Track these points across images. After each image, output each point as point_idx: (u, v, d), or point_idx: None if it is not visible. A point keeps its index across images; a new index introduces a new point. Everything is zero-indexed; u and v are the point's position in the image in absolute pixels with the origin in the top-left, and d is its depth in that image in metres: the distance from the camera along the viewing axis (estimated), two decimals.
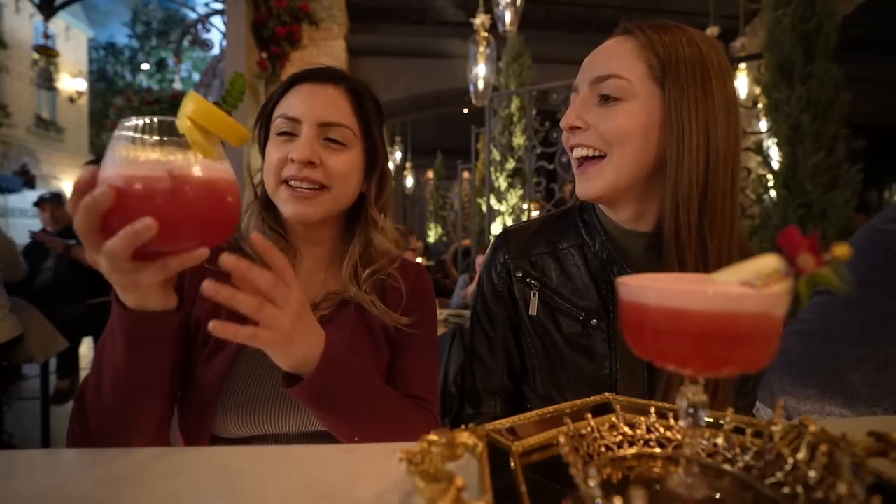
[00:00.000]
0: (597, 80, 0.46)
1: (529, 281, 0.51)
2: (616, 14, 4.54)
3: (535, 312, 0.50)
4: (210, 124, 0.32)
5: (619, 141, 0.44)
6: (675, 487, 0.25)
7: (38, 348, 1.75)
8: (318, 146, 0.49)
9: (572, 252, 0.51)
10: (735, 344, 0.23)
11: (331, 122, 0.50)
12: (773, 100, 1.75)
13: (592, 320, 0.48)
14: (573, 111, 0.46)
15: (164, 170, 0.31)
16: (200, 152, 0.32)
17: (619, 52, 0.46)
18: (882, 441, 0.27)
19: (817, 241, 0.21)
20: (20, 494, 0.30)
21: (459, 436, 0.28)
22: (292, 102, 0.51)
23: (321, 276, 0.56)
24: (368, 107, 0.54)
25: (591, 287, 0.49)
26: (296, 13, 3.45)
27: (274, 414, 0.49)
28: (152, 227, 0.29)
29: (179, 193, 0.30)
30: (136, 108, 3.08)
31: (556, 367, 0.49)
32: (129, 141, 0.31)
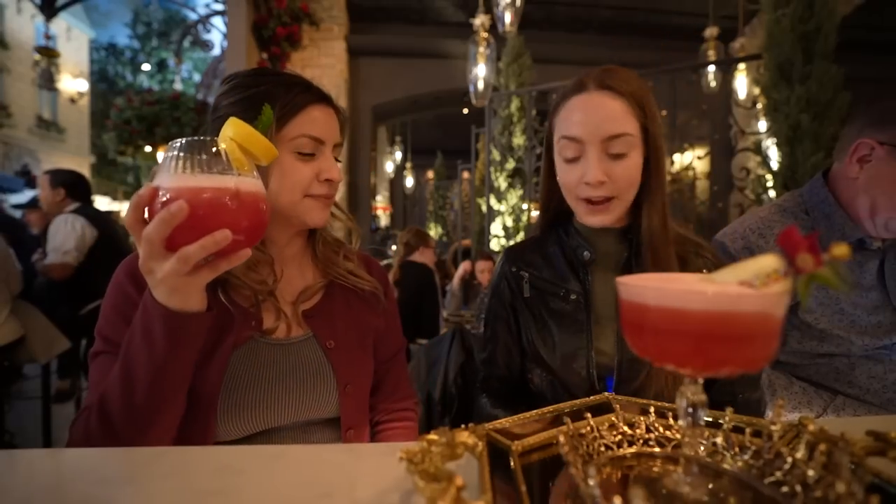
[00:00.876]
0: (608, 139, 0.55)
1: (522, 272, 0.66)
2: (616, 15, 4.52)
3: (528, 295, 0.64)
4: (249, 145, 0.39)
5: (627, 188, 0.57)
6: (675, 487, 0.25)
7: (40, 349, 1.75)
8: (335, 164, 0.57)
9: (554, 249, 0.66)
10: (734, 343, 0.23)
11: (338, 144, 0.58)
12: (773, 100, 1.75)
13: (572, 296, 0.61)
14: (597, 169, 0.55)
15: (229, 184, 0.36)
16: (242, 168, 0.38)
17: (619, 113, 0.55)
18: (880, 440, 0.27)
19: (816, 241, 0.21)
20: (20, 494, 0.31)
21: (459, 435, 0.28)
22: (317, 124, 0.55)
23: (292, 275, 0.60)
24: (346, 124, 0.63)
25: (569, 271, 0.63)
26: (296, 14, 3.45)
27: (269, 408, 0.51)
28: (229, 237, 0.35)
29: (240, 204, 0.36)
30: (137, 109, 3.08)
31: (545, 335, 0.62)
32: (184, 160, 0.37)
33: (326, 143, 0.55)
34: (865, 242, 0.70)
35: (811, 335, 0.72)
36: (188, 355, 0.43)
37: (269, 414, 0.50)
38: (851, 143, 0.70)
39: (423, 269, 2.29)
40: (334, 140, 0.56)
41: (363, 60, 4.04)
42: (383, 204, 7.61)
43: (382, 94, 4.17)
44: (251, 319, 0.52)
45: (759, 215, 0.77)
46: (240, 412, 0.49)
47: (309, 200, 0.54)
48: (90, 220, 2.02)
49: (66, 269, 1.94)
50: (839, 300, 0.71)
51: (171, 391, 0.43)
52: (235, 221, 0.36)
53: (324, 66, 3.69)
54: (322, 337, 0.56)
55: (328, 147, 0.55)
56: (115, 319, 0.49)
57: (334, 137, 0.56)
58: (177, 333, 0.41)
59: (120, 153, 3.29)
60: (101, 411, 0.42)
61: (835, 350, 0.71)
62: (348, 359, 0.57)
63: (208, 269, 0.38)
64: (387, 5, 4.06)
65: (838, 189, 0.72)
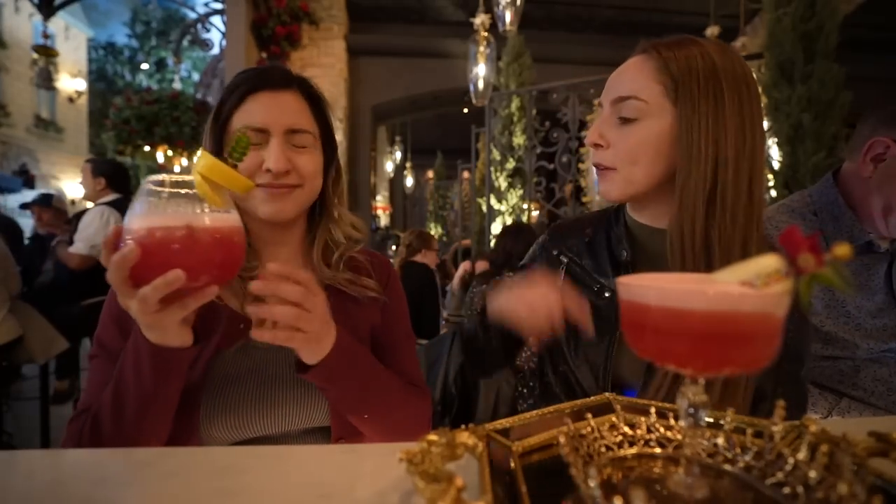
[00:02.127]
0: (617, 100, 0.50)
1: (561, 258, 0.60)
2: (616, 14, 4.53)
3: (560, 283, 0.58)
4: (218, 178, 0.38)
5: (629, 160, 0.50)
6: (676, 487, 0.25)
7: (38, 349, 1.74)
8: (288, 152, 0.52)
9: (600, 239, 0.59)
10: (735, 344, 0.23)
11: (296, 129, 0.52)
12: (774, 99, 1.75)
13: (605, 293, 0.55)
14: (595, 129, 0.51)
15: (181, 222, 0.35)
16: (210, 203, 0.37)
17: (638, 73, 0.49)
18: (883, 441, 0.27)
19: (818, 240, 0.21)
20: (20, 494, 0.30)
21: (459, 436, 0.28)
22: (254, 112, 0.52)
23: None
24: (323, 108, 0.57)
25: (609, 266, 0.56)
26: (296, 13, 3.44)
27: (257, 415, 0.49)
28: (181, 277, 0.34)
29: (195, 242, 0.35)
30: (136, 108, 3.07)
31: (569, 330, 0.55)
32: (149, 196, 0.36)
33: (271, 130, 0.51)
34: (873, 245, 0.70)
35: (816, 337, 0.72)
36: (176, 384, 0.44)
37: (254, 421, 0.49)
38: (864, 142, 0.69)
39: (425, 269, 2.29)
40: (285, 125, 0.51)
41: (363, 60, 4.04)
42: (383, 204, 7.61)
43: (382, 94, 4.17)
44: (240, 323, 0.51)
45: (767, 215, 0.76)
46: (224, 417, 0.48)
47: (257, 191, 0.51)
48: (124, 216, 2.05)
49: (88, 262, 1.94)
50: (845, 303, 0.70)
51: (159, 414, 0.44)
52: (195, 259, 0.35)
53: (323, 66, 3.68)
54: None
55: (276, 135, 0.51)
56: (111, 327, 0.50)
57: (284, 123, 0.51)
58: (163, 368, 0.41)
59: (119, 153, 3.29)
60: (93, 423, 0.44)
61: (840, 353, 0.71)
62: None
63: (178, 307, 0.37)
64: (387, 5, 4.05)
65: (849, 189, 0.71)
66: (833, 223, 0.71)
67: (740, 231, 0.46)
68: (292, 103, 0.53)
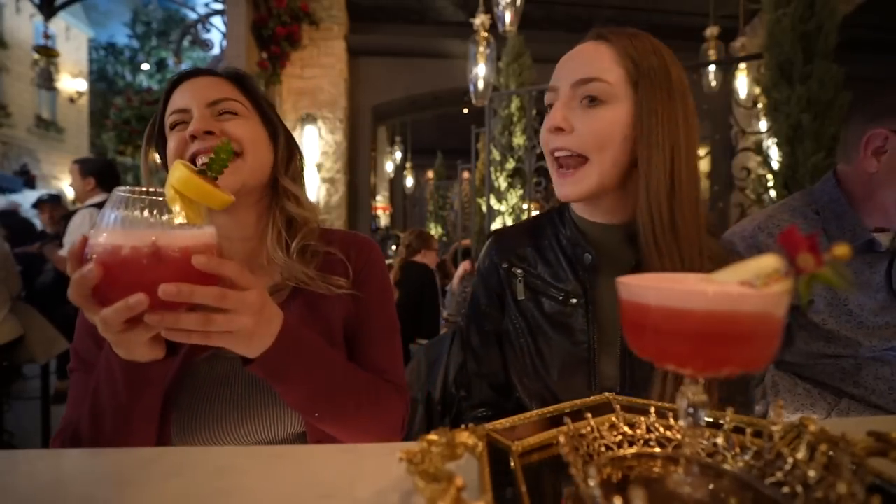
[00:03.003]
0: (580, 82, 0.48)
1: (514, 270, 0.57)
2: (616, 14, 4.52)
3: (522, 297, 0.56)
4: (192, 193, 0.35)
5: (601, 145, 0.47)
6: (675, 487, 0.25)
7: (39, 349, 1.75)
8: (212, 120, 0.50)
9: (551, 244, 0.57)
10: (735, 344, 0.23)
11: (217, 99, 0.51)
12: (773, 100, 1.75)
13: (572, 299, 0.53)
14: (559, 112, 0.48)
15: (148, 241, 0.32)
16: (183, 218, 0.35)
17: (599, 56, 0.48)
18: (882, 441, 0.27)
19: (817, 240, 0.21)
20: (20, 494, 0.31)
21: (459, 436, 0.28)
22: (177, 97, 0.52)
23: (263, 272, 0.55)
24: (251, 85, 0.55)
25: (569, 271, 0.54)
26: (296, 13, 3.45)
27: (232, 425, 0.48)
28: (144, 301, 0.32)
29: (162, 263, 0.33)
30: (136, 108, 3.08)
31: (541, 344, 0.54)
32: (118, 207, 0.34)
33: (191, 106, 0.50)
34: (875, 244, 0.70)
35: (818, 336, 0.72)
36: (153, 395, 0.43)
37: (228, 432, 0.48)
38: (860, 138, 0.69)
39: (424, 269, 2.29)
40: (205, 98, 0.50)
41: (363, 60, 4.03)
42: (383, 204, 7.60)
43: (382, 94, 4.17)
44: None
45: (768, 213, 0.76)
46: (195, 430, 0.47)
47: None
48: None
49: None
50: (847, 301, 0.70)
51: (139, 426, 0.43)
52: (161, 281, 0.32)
53: (324, 66, 3.68)
54: None
55: (196, 107, 0.50)
56: (86, 339, 0.48)
57: (204, 96, 0.50)
58: (137, 383, 0.41)
59: (119, 153, 3.29)
60: (73, 437, 0.44)
61: (842, 351, 0.71)
62: None
63: (143, 329, 0.35)
64: (387, 5, 4.05)
65: (850, 188, 0.71)
66: (836, 221, 0.71)
67: (695, 217, 0.47)
68: (212, 82, 0.53)
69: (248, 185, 0.51)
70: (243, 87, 0.55)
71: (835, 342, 0.71)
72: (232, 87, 0.53)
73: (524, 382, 0.56)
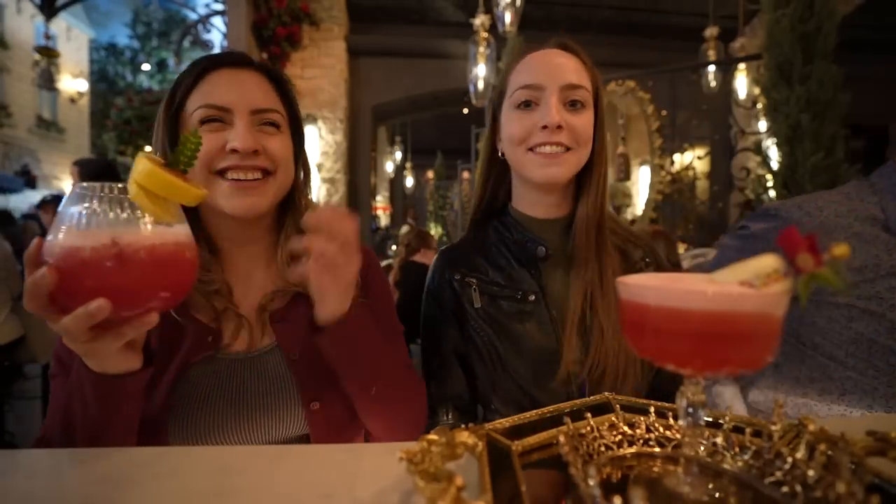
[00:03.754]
0: (568, 87, 0.55)
1: (467, 280, 0.59)
2: (615, 14, 4.50)
3: (479, 304, 0.58)
4: (157, 188, 0.31)
5: (581, 141, 0.55)
6: (675, 487, 0.25)
7: (40, 349, 1.75)
8: (256, 133, 0.47)
9: (499, 249, 0.60)
10: (735, 343, 0.23)
11: (264, 108, 0.47)
12: (773, 100, 1.75)
13: (529, 296, 0.56)
14: (557, 113, 0.54)
15: (105, 240, 0.29)
16: (150, 216, 0.31)
17: (578, 67, 0.57)
18: (881, 440, 0.27)
19: (816, 241, 0.21)
20: (20, 494, 0.31)
21: (459, 435, 0.28)
22: (215, 90, 0.46)
23: (258, 276, 0.52)
24: (289, 91, 0.52)
25: (521, 270, 0.58)
26: (296, 14, 3.45)
27: (230, 432, 0.47)
28: (105, 307, 0.29)
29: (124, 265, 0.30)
30: (137, 109, 3.09)
31: (507, 346, 0.56)
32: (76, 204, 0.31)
33: (234, 109, 0.46)
34: None
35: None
36: (128, 410, 0.39)
37: (224, 435, 0.46)
38: None
39: (424, 269, 2.29)
40: (250, 104, 0.46)
41: (363, 60, 4.04)
42: (383, 204, 7.61)
43: (382, 94, 4.17)
44: (208, 335, 0.47)
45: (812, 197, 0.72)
46: (192, 436, 0.45)
47: (222, 182, 0.45)
48: None
49: None
50: None
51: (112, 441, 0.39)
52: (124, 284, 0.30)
53: (324, 66, 3.69)
54: (286, 347, 0.49)
55: (240, 114, 0.46)
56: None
57: (249, 101, 0.46)
58: (108, 396, 0.37)
59: (120, 153, 3.30)
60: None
61: None
62: (315, 371, 0.48)
63: (112, 337, 0.32)
64: (387, 5, 4.06)
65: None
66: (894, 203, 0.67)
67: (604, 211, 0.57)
68: (255, 80, 0.48)
69: (274, 203, 0.50)
70: (283, 92, 0.51)
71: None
72: (275, 93, 0.50)
73: (498, 392, 0.56)
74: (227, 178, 0.46)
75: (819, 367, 0.67)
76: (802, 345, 0.68)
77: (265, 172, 0.47)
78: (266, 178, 0.48)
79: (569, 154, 0.55)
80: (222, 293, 0.49)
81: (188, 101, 0.47)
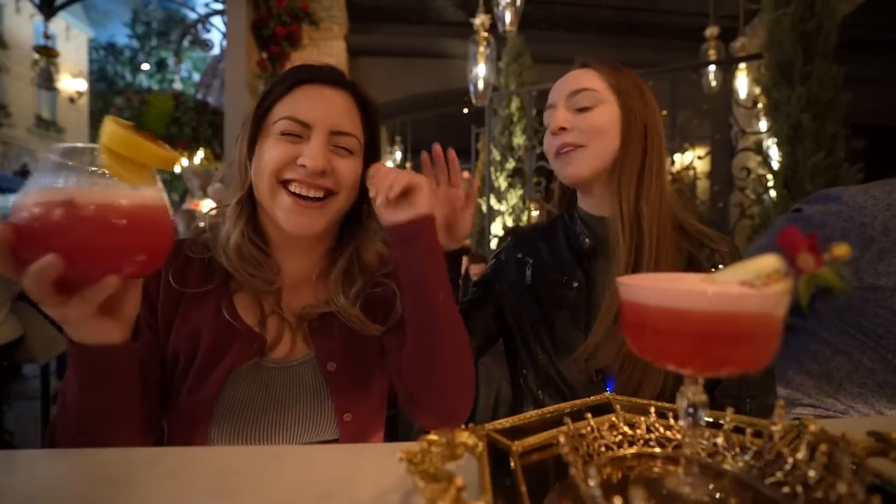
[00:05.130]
0: (572, 93, 0.59)
1: (526, 258, 0.66)
2: (615, 14, 4.50)
3: (529, 282, 0.65)
4: (124, 150, 0.31)
5: (595, 134, 0.57)
6: (675, 487, 0.25)
7: (39, 349, 1.75)
8: (329, 153, 0.48)
9: (560, 236, 0.66)
10: (735, 344, 0.23)
11: (343, 132, 0.48)
12: (773, 100, 1.75)
13: (574, 283, 0.61)
14: (560, 116, 0.59)
15: (62, 197, 0.29)
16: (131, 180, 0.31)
17: (587, 76, 0.60)
18: (882, 441, 0.27)
19: (817, 240, 0.21)
20: (20, 494, 0.31)
21: (459, 435, 0.28)
22: (301, 104, 0.48)
23: (308, 289, 0.54)
24: (374, 117, 0.53)
25: (571, 258, 0.63)
26: (296, 13, 3.45)
27: (266, 433, 0.49)
28: (55, 264, 0.29)
29: (81, 223, 0.29)
30: (137, 108, 3.08)
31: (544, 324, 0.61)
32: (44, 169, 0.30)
33: (314, 126, 0.47)
34: None
35: None
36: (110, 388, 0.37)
37: (261, 439, 0.48)
38: None
39: None
40: (330, 123, 0.47)
41: (363, 60, 4.04)
42: None
43: (382, 94, 4.17)
44: (254, 341, 0.49)
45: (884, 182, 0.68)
46: (230, 439, 0.47)
47: (285, 196, 0.46)
48: None
49: None
50: None
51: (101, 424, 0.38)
52: (85, 242, 0.29)
53: None
54: (323, 359, 0.51)
55: (318, 131, 0.47)
56: None
57: (330, 120, 0.47)
58: (83, 367, 0.36)
59: None
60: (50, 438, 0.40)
61: None
62: (350, 384, 0.51)
63: (78, 300, 0.31)
64: (387, 5, 4.05)
65: None
66: None
67: (659, 211, 0.57)
68: (341, 102, 0.49)
69: (331, 224, 0.50)
70: (367, 116, 0.52)
71: None
72: (357, 117, 0.51)
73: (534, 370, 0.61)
74: (290, 189, 0.47)
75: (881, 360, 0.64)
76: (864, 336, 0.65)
77: (328, 192, 0.48)
78: (327, 198, 0.48)
79: (579, 152, 0.57)
80: (273, 295, 0.51)
81: (274, 110, 0.49)
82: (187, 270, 0.50)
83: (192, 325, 0.48)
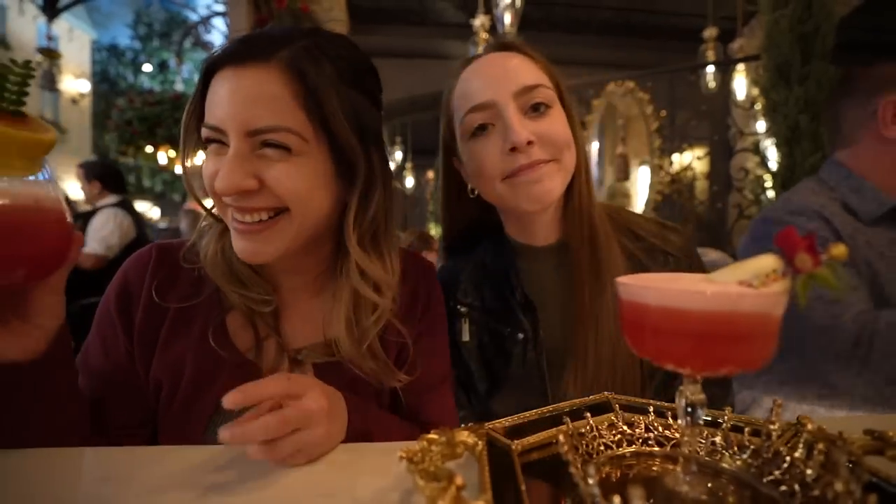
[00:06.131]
0: (524, 90, 0.45)
1: (458, 307, 0.55)
2: (614, 15, 4.50)
3: (466, 339, 0.55)
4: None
5: (564, 145, 0.47)
6: (674, 486, 0.26)
7: None
8: (252, 163, 0.35)
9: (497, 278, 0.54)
10: (734, 343, 0.23)
11: (262, 129, 0.35)
12: (771, 101, 1.75)
13: (519, 334, 0.52)
14: (521, 128, 0.44)
15: None
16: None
17: (527, 65, 0.47)
18: (878, 439, 0.27)
19: (814, 241, 0.21)
20: (20, 494, 0.31)
21: (459, 435, 0.28)
22: (213, 102, 0.36)
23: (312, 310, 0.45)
24: (323, 85, 0.36)
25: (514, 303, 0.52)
26: (296, 14, 3.45)
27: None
28: None
29: None
30: (139, 110, 3.09)
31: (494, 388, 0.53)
32: None
33: (228, 131, 0.35)
34: None
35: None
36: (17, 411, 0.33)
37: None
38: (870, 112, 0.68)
39: None
40: (241, 126, 0.34)
41: None
42: None
43: (383, 95, 4.18)
44: (246, 371, 0.41)
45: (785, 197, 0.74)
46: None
47: (231, 219, 0.38)
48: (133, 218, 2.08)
49: (101, 262, 1.96)
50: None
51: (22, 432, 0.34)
52: None
53: None
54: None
55: (232, 138, 0.35)
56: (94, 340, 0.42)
57: (241, 120, 0.34)
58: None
59: (121, 153, 3.30)
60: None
61: None
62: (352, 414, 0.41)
63: None
64: (387, 6, 4.07)
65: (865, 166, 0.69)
66: (855, 195, 0.69)
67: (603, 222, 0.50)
68: (262, 87, 0.34)
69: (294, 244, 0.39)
70: (309, 89, 0.35)
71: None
72: (289, 97, 0.35)
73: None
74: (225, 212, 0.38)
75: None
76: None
77: (274, 211, 0.37)
78: (278, 217, 0.37)
79: (552, 165, 0.46)
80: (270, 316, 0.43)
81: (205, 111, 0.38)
82: (174, 282, 0.43)
83: (175, 352, 0.42)
